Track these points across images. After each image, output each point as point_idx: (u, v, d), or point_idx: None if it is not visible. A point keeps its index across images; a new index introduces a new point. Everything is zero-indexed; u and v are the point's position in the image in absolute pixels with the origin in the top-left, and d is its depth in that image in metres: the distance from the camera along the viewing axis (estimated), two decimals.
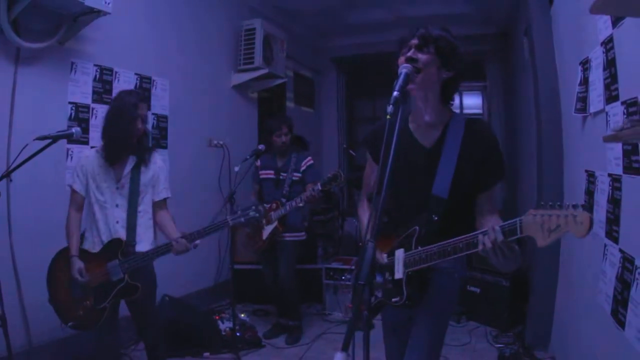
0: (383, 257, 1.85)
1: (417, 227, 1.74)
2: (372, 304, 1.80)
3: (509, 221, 1.41)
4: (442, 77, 1.74)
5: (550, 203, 1.31)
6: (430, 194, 1.75)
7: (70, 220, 2.70)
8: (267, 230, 4.11)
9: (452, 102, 1.84)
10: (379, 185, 1.38)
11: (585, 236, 1.21)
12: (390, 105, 1.44)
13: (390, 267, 1.77)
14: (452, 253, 1.57)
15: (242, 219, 2.66)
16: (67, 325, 2.62)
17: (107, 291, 2.59)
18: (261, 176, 4.26)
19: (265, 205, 4.14)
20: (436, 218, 1.73)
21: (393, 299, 1.75)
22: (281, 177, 4.15)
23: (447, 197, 1.72)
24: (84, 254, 2.65)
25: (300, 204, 3.93)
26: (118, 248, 2.60)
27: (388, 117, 1.43)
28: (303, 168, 4.15)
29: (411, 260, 1.70)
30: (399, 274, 1.72)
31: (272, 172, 4.21)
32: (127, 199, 2.68)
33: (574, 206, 1.25)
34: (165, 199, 2.83)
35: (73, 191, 2.73)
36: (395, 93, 1.48)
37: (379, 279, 1.75)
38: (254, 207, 2.67)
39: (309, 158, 4.25)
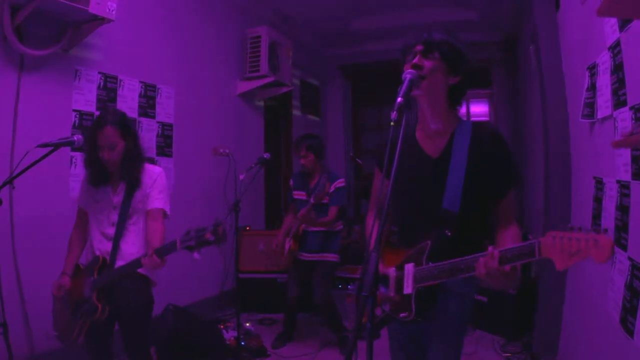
0: (388, 271, 1.79)
1: (430, 242, 1.67)
2: (378, 317, 1.75)
3: (527, 242, 1.35)
4: (449, 83, 1.69)
5: (570, 225, 1.26)
6: (440, 208, 1.68)
7: (71, 237, 2.67)
8: (287, 246, 4.13)
9: (458, 108, 1.79)
10: (382, 197, 1.34)
11: (606, 262, 1.15)
12: (394, 112, 1.39)
13: (400, 281, 1.71)
14: (465, 271, 1.50)
15: (193, 242, 2.18)
16: (52, 333, 2.60)
17: (80, 308, 2.50)
18: (295, 197, 4.18)
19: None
20: (449, 233, 1.66)
21: (401, 314, 1.68)
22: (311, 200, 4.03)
23: (459, 210, 1.66)
24: (77, 270, 2.61)
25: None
26: (95, 265, 2.49)
27: (392, 124, 1.38)
28: (331, 190, 3.98)
29: (422, 276, 1.63)
30: (408, 288, 1.65)
31: (304, 193, 4.11)
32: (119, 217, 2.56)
33: (596, 230, 1.20)
34: (157, 210, 2.58)
35: (78, 207, 2.69)
36: (399, 99, 1.43)
37: (383, 290, 1.70)
38: (212, 228, 2.16)
39: (341, 180, 4.05)
